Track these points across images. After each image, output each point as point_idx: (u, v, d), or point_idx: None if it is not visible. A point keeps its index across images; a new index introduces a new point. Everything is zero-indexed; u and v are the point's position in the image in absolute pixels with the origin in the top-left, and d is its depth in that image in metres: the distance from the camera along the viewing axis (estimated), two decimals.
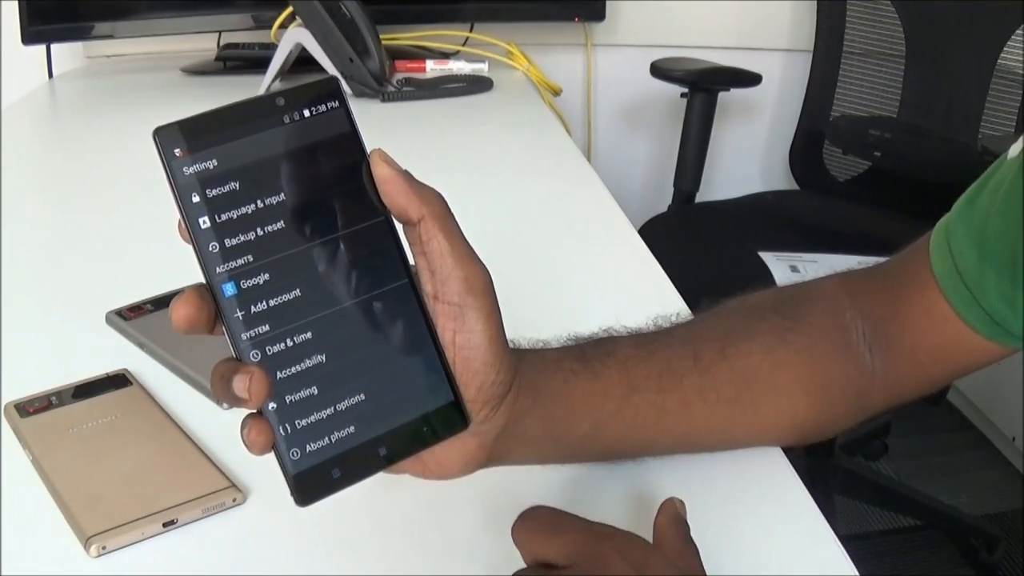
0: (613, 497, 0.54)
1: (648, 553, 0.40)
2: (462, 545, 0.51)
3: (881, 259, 0.61)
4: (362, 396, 0.40)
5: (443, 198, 0.41)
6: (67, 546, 0.49)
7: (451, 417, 0.42)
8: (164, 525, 0.50)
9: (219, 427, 0.58)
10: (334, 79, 0.40)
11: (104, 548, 0.48)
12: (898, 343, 0.57)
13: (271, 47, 1.47)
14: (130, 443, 0.57)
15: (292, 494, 0.39)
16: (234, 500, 0.52)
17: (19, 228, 0.93)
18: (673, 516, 0.45)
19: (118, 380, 0.63)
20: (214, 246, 0.38)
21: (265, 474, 0.38)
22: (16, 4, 1.50)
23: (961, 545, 1.66)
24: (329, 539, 0.50)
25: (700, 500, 0.52)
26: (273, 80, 1.44)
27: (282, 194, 0.39)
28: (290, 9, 1.45)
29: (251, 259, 0.38)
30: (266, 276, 0.38)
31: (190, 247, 0.38)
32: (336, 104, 0.40)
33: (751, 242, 1.48)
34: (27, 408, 0.59)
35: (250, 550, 0.50)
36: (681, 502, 0.46)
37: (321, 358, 0.39)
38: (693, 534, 0.44)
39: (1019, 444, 1.87)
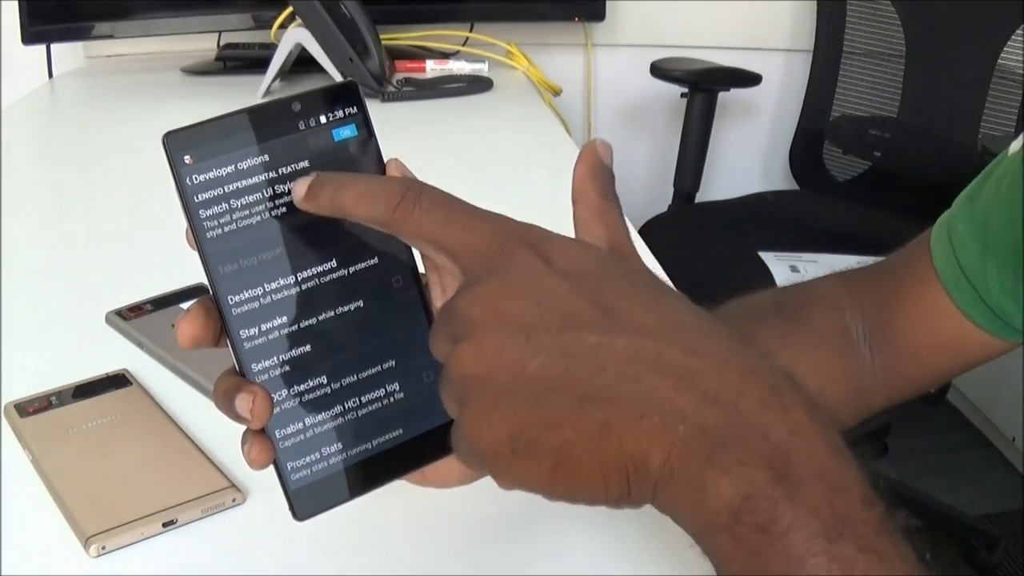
0: None
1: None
2: (461, 545, 0.51)
3: (881, 259, 0.61)
4: (364, 413, 0.39)
5: None
6: (67, 546, 0.49)
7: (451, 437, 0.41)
8: (164, 525, 0.50)
9: (219, 427, 0.58)
10: (352, 83, 0.39)
11: (104, 548, 0.48)
12: (899, 340, 0.57)
13: (271, 47, 1.47)
14: (130, 443, 0.57)
15: (290, 509, 0.38)
16: (234, 500, 0.52)
17: (19, 228, 0.93)
18: (594, 166, 0.37)
19: (118, 380, 0.63)
20: (222, 258, 0.36)
21: (265, 474, 0.38)
22: (16, 4, 1.50)
23: (961, 545, 1.66)
24: (329, 539, 0.50)
25: None
26: (273, 80, 1.44)
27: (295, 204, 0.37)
28: (290, 9, 1.44)
29: (260, 272, 0.37)
30: (274, 290, 0.37)
31: (195, 252, 0.36)
32: (354, 110, 0.38)
33: (751, 242, 1.48)
34: (27, 408, 0.59)
35: (250, 550, 0.50)
36: (604, 143, 0.38)
37: (326, 375, 0.38)
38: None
39: (1019, 444, 1.87)
